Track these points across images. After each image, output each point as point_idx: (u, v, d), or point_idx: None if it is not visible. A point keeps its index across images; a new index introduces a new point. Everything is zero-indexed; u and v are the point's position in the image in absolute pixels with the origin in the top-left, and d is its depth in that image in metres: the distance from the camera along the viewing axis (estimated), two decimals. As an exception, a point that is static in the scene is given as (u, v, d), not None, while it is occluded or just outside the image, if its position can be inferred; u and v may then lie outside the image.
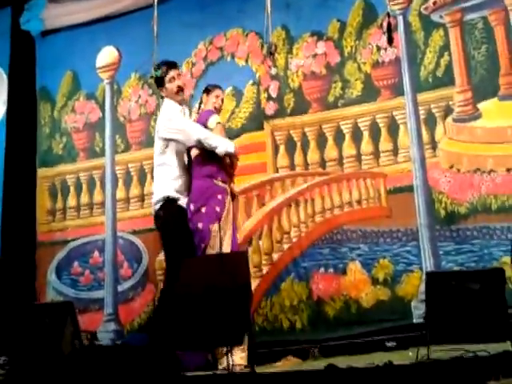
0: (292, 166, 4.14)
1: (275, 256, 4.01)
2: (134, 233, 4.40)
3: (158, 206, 3.41)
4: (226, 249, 3.27)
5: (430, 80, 3.85)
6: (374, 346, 3.41)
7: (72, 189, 4.76)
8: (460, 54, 3.78)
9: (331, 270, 3.87)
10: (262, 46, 4.23)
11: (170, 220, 3.35)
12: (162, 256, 4.13)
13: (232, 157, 3.38)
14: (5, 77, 4.88)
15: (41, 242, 4.73)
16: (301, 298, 3.88)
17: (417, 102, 3.86)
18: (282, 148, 4.19)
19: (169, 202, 3.37)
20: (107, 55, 4.74)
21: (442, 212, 3.68)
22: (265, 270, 4.01)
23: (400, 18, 3.96)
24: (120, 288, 4.44)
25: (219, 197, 3.33)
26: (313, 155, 4.11)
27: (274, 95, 4.25)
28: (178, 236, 3.32)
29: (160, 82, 3.52)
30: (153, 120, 4.47)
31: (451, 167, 3.71)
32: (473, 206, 3.61)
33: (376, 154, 3.94)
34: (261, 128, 4.26)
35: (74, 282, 4.59)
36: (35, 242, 4.70)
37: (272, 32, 3.92)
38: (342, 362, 2.83)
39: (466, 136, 3.72)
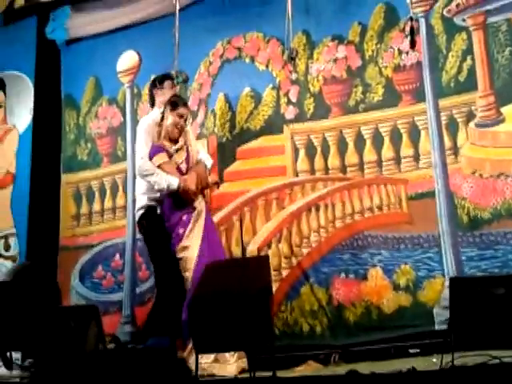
0: (312, 171, 4.12)
1: (295, 260, 4.00)
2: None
3: (139, 214, 3.64)
4: (191, 263, 3.41)
5: (452, 85, 3.81)
6: (396, 352, 3.39)
7: (97, 194, 4.80)
8: (483, 58, 3.74)
9: (352, 276, 3.85)
10: (283, 52, 4.22)
11: (153, 229, 3.56)
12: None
13: (182, 191, 3.46)
14: (31, 85, 4.95)
15: (64, 247, 4.77)
16: (321, 303, 3.85)
17: (438, 108, 3.81)
18: (301, 152, 4.17)
19: (150, 211, 3.57)
20: (128, 59, 4.78)
21: (465, 218, 3.64)
22: (284, 273, 4.01)
23: (422, 21, 3.91)
24: (138, 290, 4.47)
25: (184, 218, 3.47)
26: (333, 160, 4.08)
27: (293, 100, 4.23)
28: (161, 244, 3.51)
29: (160, 85, 3.75)
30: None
31: (474, 173, 3.66)
32: (496, 211, 3.56)
33: (397, 159, 3.91)
34: (280, 132, 4.24)
35: (96, 286, 4.62)
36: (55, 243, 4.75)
37: (293, 37, 3.94)
38: (363, 368, 2.82)
39: (488, 141, 3.68)
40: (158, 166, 3.49)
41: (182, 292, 3.45)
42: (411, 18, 3.33)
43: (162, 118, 3.61)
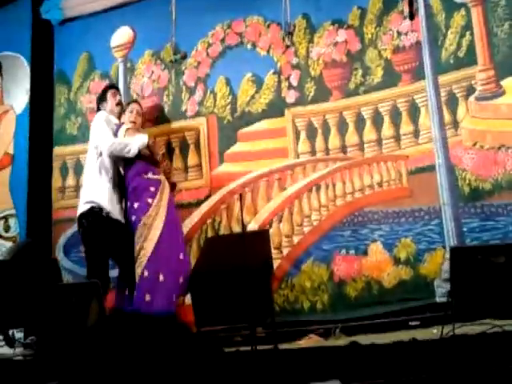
0: (313, 152, 4.07)
1: (296, 239, 3.94)
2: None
3: (81, 210, 3.67)
4: (155, 234, 3.49)
5: (452, 61, 3.76)
6: (397, 325, 3.31)
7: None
8: (482, 33, 3.68)
9: (352, 252, 3.79)
10: (284, 38, 4.12)
11: (93, 232, 3.60)
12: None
13: (151, 148, 3.70)
14: (27, 66, 4.90)
15: (55, 221, 4.66)
16: (321, 280, 3.80)
17: (438, 84, 3.76)
18: (302, 134, 4.12)
19: (93, 211, 3.61)
20: (122, 35, 4.70)
21: (466, 189, 3.57)
22: (285, 251, 3.94)
23: (421, 2, 3.86)
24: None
25: (152, 189, 3.62)
26: (334, 141, 4.03)
27: (294, 84, 4.18)
28: (97, 248, 3.57)
29: (103, 98, 3.98)
30: (165, 95, 4.46)
31: (474, 144, 3.60)
32: (497, 183, 3.49)
33: (397, 137, 3.86)
34: (281, 115, 4.18)
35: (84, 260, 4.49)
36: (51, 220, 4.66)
37: (292, 21, 3.89)
38: (364, 340, 2.77)
39: (489, 113, 3.61)
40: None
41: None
42: (409, -12, 3.21)
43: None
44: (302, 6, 4.14)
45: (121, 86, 4.57)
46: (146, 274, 3.44)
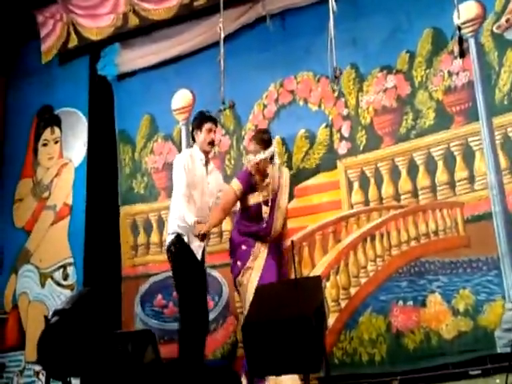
0: (366, 202, 4.28)
1: (353, 290, 4.15)
2: (214, 267, 4.59)
3: (169, 240, 3.88)
4: (249, 297, 3.59)
5: (506, 102, 3.89)
6: (457, 376, 3.43)
7: (155, 226, 5.06)
8: (538, 71, 3.75)
9: (410, 303, 3.94)
10: (334, 90, 4.42)
11: (180, 259, 3.83)
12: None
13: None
14: (85, 120, 5.37)
15: (126, 276, 5.07)
16: (379, 332, 3.97)
17: (492, 127, 3.90)
18: (355, 185, 4.34)
19: (179, 238, 3.82)
20: (181, 98, 5.10)
21: (526, 237, 3.65)
22: (343, 304, 4.15)
23: (471, 41, 4.04)
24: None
25: (243, 247, 3.82)
26: (387, 189, 4.23)
27: (346, 135, 4.42)
28: (186, 275, 3.78)
29: (199, 127, 4.09)
30: (227, 159, 4.82)
31: (534, 191, 3.68)
32: (560, 229, 3.57)
33: (452, 183, 4.01)
34: (334, 168, 4.43)
35: (158, 314, 4.83)
36: (120, 276, 5.05)
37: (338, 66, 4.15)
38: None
39: (548, 157, 3.69)
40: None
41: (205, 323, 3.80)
42: (459, 28, 3.27)
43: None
44: (350, 55, 4.38)
45: (183, 148, 4.94)
46: None
